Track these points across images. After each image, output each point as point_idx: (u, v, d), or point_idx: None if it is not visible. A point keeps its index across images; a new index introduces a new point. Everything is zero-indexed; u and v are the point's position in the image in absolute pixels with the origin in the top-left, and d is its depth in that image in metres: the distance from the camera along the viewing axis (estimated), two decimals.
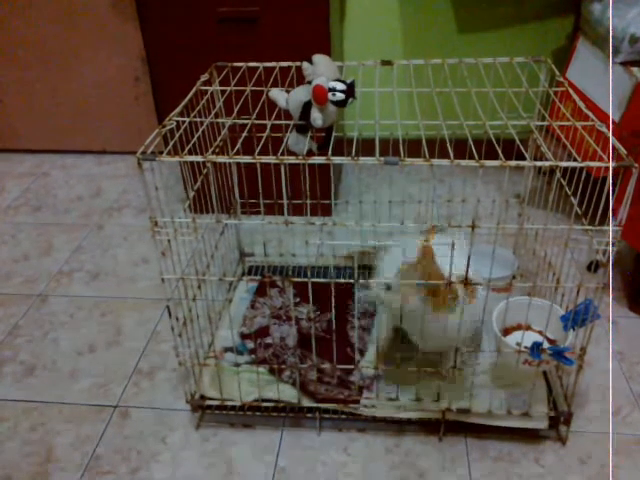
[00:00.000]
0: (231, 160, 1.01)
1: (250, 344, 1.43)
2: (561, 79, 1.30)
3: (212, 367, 1.33)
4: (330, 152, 1.03)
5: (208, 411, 1.35)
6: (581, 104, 1.17)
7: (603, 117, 1.72)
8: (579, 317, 1.15)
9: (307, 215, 1.07)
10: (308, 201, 1.06)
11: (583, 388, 1.41)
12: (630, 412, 1.36)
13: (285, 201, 1.04)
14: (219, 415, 1.35)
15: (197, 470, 1.26)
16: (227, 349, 1.42)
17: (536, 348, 1.15)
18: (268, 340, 1.43)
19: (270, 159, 1.00)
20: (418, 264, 1.12)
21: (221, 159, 1.03)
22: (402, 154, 1.00)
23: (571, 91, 1.24)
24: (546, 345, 1.19)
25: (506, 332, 1.30)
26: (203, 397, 1.33)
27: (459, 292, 1.13)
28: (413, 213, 1.73)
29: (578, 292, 1.12)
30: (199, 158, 1.01)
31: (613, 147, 1.02)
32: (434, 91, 1.26)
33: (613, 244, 1.04)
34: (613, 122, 1.69)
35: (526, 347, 1.18)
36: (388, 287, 1.17)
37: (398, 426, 1.32)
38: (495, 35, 2.15)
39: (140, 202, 2.22)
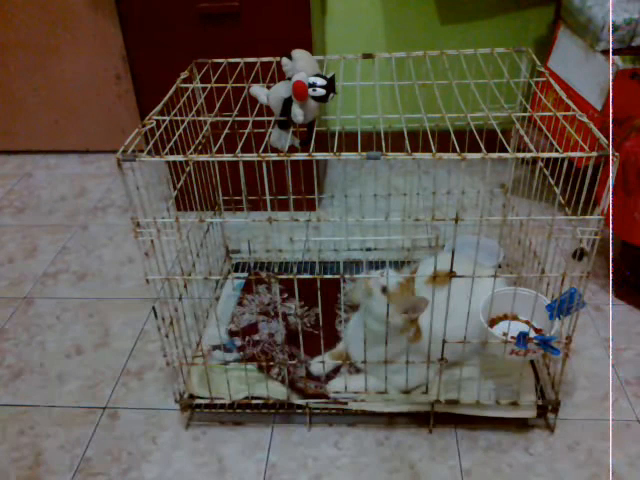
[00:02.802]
0: (212, 159, 1.00)
1: (238, 341, 1.43)
2: (542, 69, 1.30)
3: (200, 366, 1.32)
4: (312, 148, 1.03)
5: (197, 410, 1.35)
6: (562, 94, 1.18)
7: (586, 106, 1.73)
8: (564, 306, 1.15)
9: (291, 211, 1.06)
10: (291, 197, 1.05)
11: (571, 376, 1.42)
12: (617, 398, 1.37)
13: (268, 197, 1.03)
14: (209, 414, 1.35)
15: (188, 469, 1.25)
16: (215, 347, 1.41)
17: (522, 338, 1.16)
18: (256, 337, 1.43)
19: (252, 157, 0.99)
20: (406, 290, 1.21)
21: (202, 158, 1.03)
22: (384, 148, 0.99)
23: (552, 81, 1.24)
24: (532, 335, 1.20)
25: (493, 323, 1.31)
26: (192, 396, 1.33)
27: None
28: (399, 206, 1.73)
29: (563, 281, 1.13)
30: (180, 157, 1.00)
31: (596, 138, 1.03)
32: (416, 84, 1.26)
33: (596, 233, 1.05)
34: (596, 111, 1.70)
35: (513, 337, 1.18)
36: (384, 289, 1.21)
37: (388, 419, 1.33)
38: (477, 25, 2.15)
39: (124, 201, 2.20)
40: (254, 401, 1.30)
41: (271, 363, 1.34)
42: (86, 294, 1.76)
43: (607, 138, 1.02)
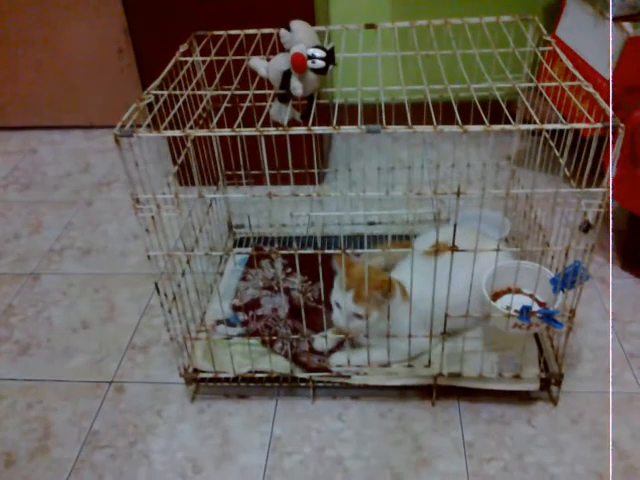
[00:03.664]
0: (211, 134, 0.99)
1: (242, 316, 1.43)
2: (548, 38, 1.27)
3: (204, 341, 1.33)
4: (311, 121, 1.01)
5: (202, 383, 1.36)
6: (568, 64, 1.15)
7: (594, 75, 1.69)
8: (568, 279, 1.14)
9: (292, 185, 1.05)
10: (291, 171, 1.04)
11: (575, 349, 1.42)
12: (621, 371, 1.37)
13: (267, 172, 1.02)
14: (214, 387, 1.36)
15: (193, 441, 1.27)
16: (219, 322, 1.42)
17: (525, 312, 1.15)
18: (260, 312, 1.44)
19: (250, 131, 0.98)
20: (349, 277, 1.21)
21: (201, 133, 1.01)
22: (386, 121, 0.98)
23: (558, 50, 1.21)
24: (536, 308, 1.19)
25: (496, 296, 1.30)
26: (197, 370, 1.34)
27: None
28: (403, 179, 1.71)
29: (567, 254, 1.12)
30: (178, 133, 0.99)
31: (602, 108, 1.00)
32: (419, 54, 1.24)
33: (601, 206, 1.03)
34: (605, 80, 1.66)
35: (516, 311, 1.18)
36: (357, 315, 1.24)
37: (391, 392, 1.34)
38: None
39: None
40: (258, 375, 1.31)
41: (274, 337, 1.35)
42: (91, 270, 1.77)
43: (614, 108, 0.99)
